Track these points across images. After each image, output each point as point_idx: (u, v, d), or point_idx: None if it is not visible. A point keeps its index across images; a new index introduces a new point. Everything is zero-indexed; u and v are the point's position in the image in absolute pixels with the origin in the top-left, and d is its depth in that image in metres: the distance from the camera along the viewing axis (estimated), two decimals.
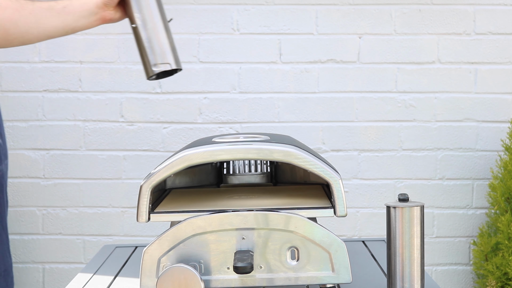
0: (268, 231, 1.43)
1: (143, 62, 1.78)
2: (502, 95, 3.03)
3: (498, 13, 3.00)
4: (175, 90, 3.02)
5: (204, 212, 1.44)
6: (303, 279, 1.43)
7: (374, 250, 1.86)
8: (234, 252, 1.42)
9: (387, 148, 3.05)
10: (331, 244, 1.43)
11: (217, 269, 1.43)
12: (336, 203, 1.44)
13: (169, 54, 1.76)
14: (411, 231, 1.45)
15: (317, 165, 1.44)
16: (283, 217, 1.43)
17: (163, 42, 1.77)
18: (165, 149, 3.03)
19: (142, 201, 1.44)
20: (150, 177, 1.45)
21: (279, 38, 3.02)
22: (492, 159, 3.04)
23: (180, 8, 2.99)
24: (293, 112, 3.03)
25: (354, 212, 3.05)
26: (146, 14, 1.79)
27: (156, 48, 1.76)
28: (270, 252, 1.43)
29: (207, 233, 1.42)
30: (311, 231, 1.42)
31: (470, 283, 3.08)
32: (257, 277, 1.43)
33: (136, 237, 3.05)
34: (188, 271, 1.37)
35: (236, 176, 1.84)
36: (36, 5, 1.81)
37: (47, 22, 1.81)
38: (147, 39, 1.77)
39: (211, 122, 3.03)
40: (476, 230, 3.05)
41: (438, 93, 3.03)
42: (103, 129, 3.04)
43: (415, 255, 1.45)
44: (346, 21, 3.01)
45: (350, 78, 3.02)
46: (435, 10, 3.01)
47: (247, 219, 1.43)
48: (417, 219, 1.45)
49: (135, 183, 3.03)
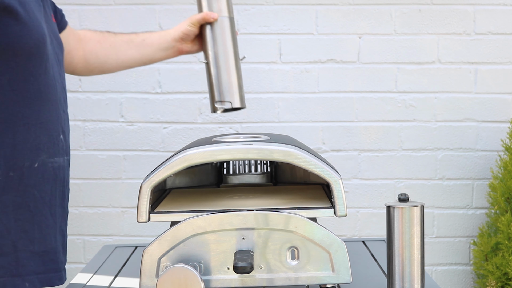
0: (268, 231, 1.43)
1: (210, 96, 1.81)
2: (502, 95, 3.03)
3: (498, 13, 3.00)
4: (175, 90, 3.02)
5: (204, 212, 1.44)
6: (303, 279, 1.43)
7: (374, 250, 1.86)
8: (234, 252, 1.42)
9: (387, 148, 3.05)
10: (331, 244, 1.43)
11: (217, 269, 1.43)
12: (336, 203, 1.44)
13: (234, 93, 1.78)
14: (411, 231, 1.45)
15: (317, 165, 1.44)
16: (283, 217, 1.43)
17: (230, 81, 1.79)
18: (165, 149, 3.03)
19: (142, 201, 1.45)
20: (150, 177, 1.45)
21: (279, 38, 3.02)
22: (492, 159, 3.04)
23: (180, 8, 2.99)
24: (293, 112, 3.03)
25: (354, 212, 3.05)
26: (219, 52, 1.81)
27: (222, 86, 1.78)
28: (270, 252, 1.43)
29: (207, 233, 1.43)
30: (311, 231, 1.43)
31: (470, 283, 3.08)
32: (257, 277, 1.43)
33: (136, 237, 3.05)
34: (188, 271, 1.37)
35: (236, 176, 1.84)
36: (117, 37, 1.93)
37: (126, 54, 1.92)
38: (216, 76, 1.79)
39: (211, 122, 3.03)
40: (476, 230, 3.05)
41: (438, 93, 3.03)
42: (103, 129, 3.04)
43: (415, 255, 1.45)
44: (346, 21, 3.01)
45: (350, 78, 3.02)
46: (435, 10, 3.01)
47: (247, 219, 1.43)
48: (417, 219, 1.45)
49: (135, 183, 3.03)
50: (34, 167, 1.51)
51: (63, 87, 1.65)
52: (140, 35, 1.94)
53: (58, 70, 1.61)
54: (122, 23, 3.00)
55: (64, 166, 1.60)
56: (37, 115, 1.52)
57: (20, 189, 1.49)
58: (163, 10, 3.00)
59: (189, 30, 1.86)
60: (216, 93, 1.78)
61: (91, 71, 1.95)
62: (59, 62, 1.64)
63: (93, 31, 1.95)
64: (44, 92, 1.53)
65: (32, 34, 1.48)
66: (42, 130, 1.53)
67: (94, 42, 1.92)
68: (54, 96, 1.56)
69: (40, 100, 1.52)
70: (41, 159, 1.52)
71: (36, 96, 1.51)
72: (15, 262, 1.49)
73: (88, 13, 2.99)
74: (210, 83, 1.80)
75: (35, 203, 1.51)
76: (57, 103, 1.58)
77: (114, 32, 1.95)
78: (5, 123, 1.48)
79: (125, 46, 1.92)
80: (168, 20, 2.98)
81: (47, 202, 1.54)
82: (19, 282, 1.49)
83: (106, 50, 1.92)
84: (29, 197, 1.50)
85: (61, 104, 1.61)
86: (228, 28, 1.83)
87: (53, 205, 1.55)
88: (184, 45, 1.90)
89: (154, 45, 1.91)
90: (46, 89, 1.54)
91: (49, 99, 1.55)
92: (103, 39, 1.93)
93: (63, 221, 1.61)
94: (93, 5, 2.99)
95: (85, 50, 1.91)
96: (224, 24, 1.82)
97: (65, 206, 1.63)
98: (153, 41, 1.92)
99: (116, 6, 3.00)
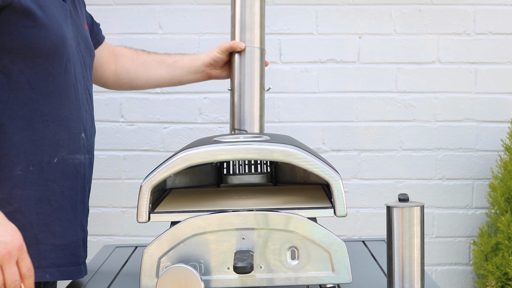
0: (268, 231, 1.43)
1: (231, 122, 1.85)
2: (502, 95, 3.03)
3: (498, 13, 3.00)
4: (175, 90, 3.02)
5: (204, 212, 1.44)
6: (303, 279, 1.43)
7: (374, 250, 1.86)
8: (234, 252, 1.42)
9: (387, 148, 3.05)
10: (331, 244, 1.43)
11: (217, 269, 1.43)
12: (336, 203, 1.44)
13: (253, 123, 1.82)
14: (411, 231, 1.45)
15: (317, 165, 1.44)
16: (283, 217, 1.43)
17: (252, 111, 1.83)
18: (165, 149, 3.03)
19: (142, 201, 1.45)
20: (150, 177, 1.45)
21: (279, 38, 3.02)
22: (492, 159, 3.04)
23: (180, 8, 2.99)
24: (293, 112, 3.03)
25: (354, 212, 3.05)
26: (245, 81, 1.85)
27: (243, 116, 1.83)
28: (270, 252, 1.43)
29: (207, 233, 1.43)
30: (311, 231, 1.43)
31: (470, 283, 3.08)
32: (257, 277, 1.43)
33: (136, 237, 3.05)
34: (188, 271, 1.37)
35: (236, 176, 1.84)
36: (150, 56, 2.01)
37: (156, 73, 2.00)
38: (238, 104, 1.84)
39: (211, 122, 3.03)
40: (476, 230, 3.05)
41: (438, 93, 3.03)
42: (103, 129, 3.04)
43: (415, 255, 1.45)
44: (346, 21, 3.01)
45: (350, 78, 3.02)
46: (435, 10, 3.01)
47: (247, 219, 1.43)
48: (417, 219, 1.45)
49: (135, 183, 3.03)
50: (53, 162, 1.56)
51: (87, 88, 1.71)
52: (173, 56, 2.00)
53: (81, 71, 1.67)
54: (122, 23, 3.00)
55: (85, 163, 1.66)
56: (56, 113, 1.57)
57: (40, 183, 1.54)
58: (163, 10, 3.00)
59: (218, 57, 1.92)
60: (236, 120, 1.83)
61: (121, 86, 2.03)
62: (85, 64, 1.70)
63: (128, 48, 2.02)
64: (63, 91, 1.58)
65: (50, 35, 1.53)
66: (61, 127, 1.58)
67: (126, 58, 1.99)
68: (74, 95, 1.62)
69: (59, 98, 1.57)
70: (61, 155, 1.58)
71: (55, 95, 1.57)
72: (37, 254, 1.54)
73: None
74: (232, 110, 1.85)
75: (55, 197, 1.56)
76: (78, 102, 1.63)
77: (148, 51, 2.02)
78: (25, 119, 1.53)
79: (156, 66, 1.99)
80: (168, 20, 2.98)
81: (68, 197, 1.59)
82: (40, 274, 1.54)
83: (137, 67, 1.99)
84: (49, 191, 1.55)
85: (83, 104, 1.67)
86: (258, 59, 1.87)
87: (74, 200, 1.61)
88: (213, 70, 1.96)
89: (184, 67, 1.98)
90: (66, 88, 1.59)
91: (69, 98, 1.60)
92: (136, 57, 2.00)
93: (84, 217, 1.66)
94: (93, 5, 2.99)
95: (117, 65, 1.99)
96: (254, 55, 1.87)
97: (86, 203, 1.68)
98: (184, 63, 1.98)
99: (116, 6, 3.00)
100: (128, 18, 3.00)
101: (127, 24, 3.00)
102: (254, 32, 1.88)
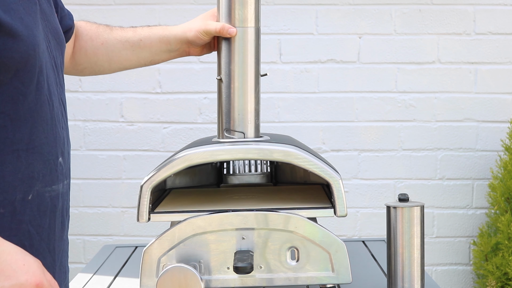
0: (268, 231, 1.43)
1: (218, 120, 1.54)
2: (502, 95, 3.03)
3: (498, 13, 3.00)
4: (175, 90, 3.02)
5: (204, 212, 1.44)
6: (303, 279, 1.43)
7: (374, 250, 1.86)
8: (234, 252, 1.42)
9: (387, 148, 3.05)
10: (331, 244, 1.43)
11: (217, 269, 1.43)
12: (336, 203, 1.44)
13: (248, 123, 1.52)
14: (411, 231, 1.45)
15: (317, 165, 1.44)
16: (283, 217, 1.43)
17: (246, 107, 1.51)
18: (165, 149, 3.03)
19: (143, 201, 1.45)
20: (150, 177, 1.45)
21: (279, 38, 3.02)
22: (492, 159, 3.04)
23: (180, 8, 2.99)
24: (293, 112, 3.03)
25: (354, 212, 3.05)
26: (236, 69, 1.51)
27: (234, 113, 1.51)
28: (270, 252, 1.43)
29: (207, 233, 1.43)
30: (311, 231, 1.42)
31: (470, 283, 3.08)
32: (257, 277, 1.43)
33: (136, 237, 3.05)
34: (188, 271, 1.37)
35: (236, 176, 1.84)
36: (112, 34, 1.66)
37: (119, 55, 1.66)
38: (227, 99, 1.51)
39: (211, 122, 3.03)
40: (476, 230, 3.05)
41: (438, 93, 3.03)
42: (103, 129, 3.04)
43: (415, 255, 1.45)
44: (346, 21, 3.01)
45: (350, 78, 3.02)
46: (435, 10, 3.01)
47: (247, 219, 1.43)
48: (417, 219, 1.45)
49: (135, 183, 3.03)
50: (27, 200, 1.29)
51: (61, 98, 1.42)
52: (138, 32, 1.65)
53: (54, 78, 1.38)
54: (122, 23, 3.00)
55: (64, 192, 1.40)
56: (28, 139, 1.29)
57: (14, 227, 1.28)
58: (163, 10, 3.00)
59: (199, 39, 1.60)
60: (225, 118, 1.52)
61: (80, 72, 1.69)
62: (57, 67, 1.40)
63: (90, 23, 1.67)
64: (36, 111, 1.30)
65: (19, 46, 1.24)
66: (35, 156, 1.31)
67: (86, 38, 1.65)
68: (50, 113, 1.33)
69: (32, 121, 1.29)
70: (36, 190, 1.30)
71: (27, 118, 1.28)
72: None
73: (88, 13, 2.99)
74: (219, 104, 1.53)
75: (31, 241, 1.32)
76: (54, 121, 1.35)
77: (110, 27, 1.67)
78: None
79: (119, 46, 1.65)
80: (168, 20, 2.98)
81: (45, 239, 1.35)
82: None
83: (97, 49, 1.65)
84: (24, 235, 1.30)
85: (59, 120, 1.38)
86: (253, 41, 1.52)
87: (52, 241, 1.37)
88: (191, 48, 1.64)
89: (153, 47, 1.64)
90: (39, 107, 1.30)
91: (43, 118, 1.32)
92: (95, 36, 1.65)
93: (63, 255, 1.43)
94: (93, 5, 2.99)
95: (75, 47, 1.64)
96: (247, 37, 1.52)
97: (65, 238, 1.44)
98: (152, 42, 1.64)
99: (116, 6, 3.00)
100: (128, 18, 2.99)
101: (127, 24, 2.99)
102: (247, 7, 1.52)
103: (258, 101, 1.53)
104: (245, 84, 1.52)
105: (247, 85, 1.52)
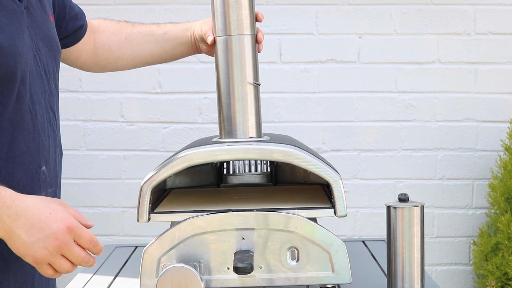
0: (268, 231, 1.43)
1: (219, 120, 1.54)
2: (502, 95, 3.03)
3: (498, 13, 3.00)
4: (175, 90, 3.02)
5: (204, 212, 1.44)
6: (303, 279, 1.43)
7: (374, 250, 1.86)
8: (234, 252, 1.42)
9: (387, 148, 3.05)
10: (331, 244, 1.43)
11: (217, 269, 1.43)
12: (336, 203, 1.44)
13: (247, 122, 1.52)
14: (411, 231, 1.45)
15: (317, 165, 1.44)
16: (283, 217, 1.43)
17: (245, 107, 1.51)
18: (165, 149, 3.03)
19: (143, 201, 1.44)
20: (150, 177, 1.45)
21: (279, 38, 3.02)
22: (492, 159, 3.04)
23: (180, 8, 2.99)
24: (293, 112, 3.03)
25: (354, 212, 3.05)
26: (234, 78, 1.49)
27: (234, 112, 1.51)
28: (270, 252, 1.43)
29: (207, 233, 1.42)
30: (311, 231, 1.42)
31: (470, 283, 3.08)
32: (257, 277, 1.43)
33: (136, 237, 3.05)
34: (188, 271, 1.37)
35: (236, 176, 1.84)
36: (135, 29, 1.67)
37: (143, 48, 1.66)
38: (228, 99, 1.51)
39: (211, 122, 3.03)
40: (476, 230, 3.05)
41: (438, 93, 3.03)
42: (103, 129, 3.04)
43: (415, 255, 1.45)
44: (346, 21, 3.01)
45: (350, 78, 3.02)
46: (435, 10, 3.01)
47: (247, 219, 1.43)
48: (417, 219, 1.45)
49: (135, 183, 3.03)
50: None
51: (49, 107, 1.39)
52: (162, 27, 1.67)
53: (41, 87, 1.36)
54: None
55: None
56: (8, 149, 1.27)
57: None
58: (163, 10, 3.00)
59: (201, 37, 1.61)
60: (225, 118, 1.52)
61: (102, 68, 1.69)
62: (47, 75, 1.39)
63: (109, 20, 1.70)
64: (16, 121, 1.28)
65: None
66: (15, 165, 1.28)
67: (108, 34, 1.67)
68: (31, 122, 1.31)
69: (12, 131, 1.28)
70: None
71: (6, 127, 1.27)
72: None
73: (88, 13, 2.97)
74: (220, 104, 1.53)
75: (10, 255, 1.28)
76: (37, 130, 1.33)
77: (132, 23, 1.69)
78: None
79: (143, 40, 1.66)
80: (168, 20, 2.98)
81: None
82: None
83: (121, 43, 1.66)
84: (5, 249, 1.25)
85: (44, 129, 1.36)
86: (250, 49, 1.49)
87: None
88: (201, 45, 1.65)
89: (176, 38, 1.65)
90: (20, 117, 1.29)
91: (24, 127, 1.30)
92: (118, 31, 1.66)
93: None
94: (93, 5, 2.99)
95: (96, 43, 1.66)
96: (243, 46, 1.48)
97: None
98: (176, 34, 1.65)
99: (116, 6, 3.00)
100: (128, 18, 2.98)
101: None
102: (241, 12, 1.46)
103: (258, 101, 1.54)
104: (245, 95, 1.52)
105: (247, 96, 1.52)
